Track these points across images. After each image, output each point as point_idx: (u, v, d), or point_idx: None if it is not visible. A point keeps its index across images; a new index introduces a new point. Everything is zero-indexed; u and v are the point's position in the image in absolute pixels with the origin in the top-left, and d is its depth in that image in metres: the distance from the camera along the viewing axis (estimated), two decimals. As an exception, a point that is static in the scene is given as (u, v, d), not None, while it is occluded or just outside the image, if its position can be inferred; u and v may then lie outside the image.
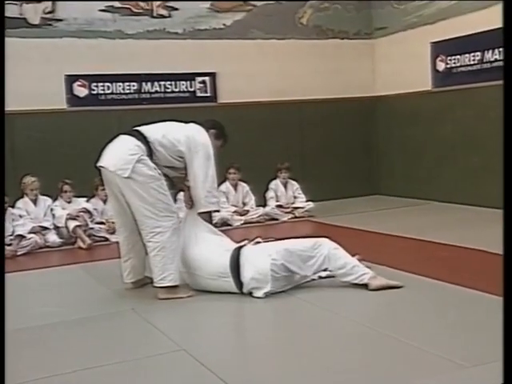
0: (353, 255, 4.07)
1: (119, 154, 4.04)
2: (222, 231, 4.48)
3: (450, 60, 7.62)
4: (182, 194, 6.64)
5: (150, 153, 4.05)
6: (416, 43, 8.07)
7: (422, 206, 7.69)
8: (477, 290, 3.78)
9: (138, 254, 4.27)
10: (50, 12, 7.22)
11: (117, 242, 4.53)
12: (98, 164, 4.14)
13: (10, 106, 6.64)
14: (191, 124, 4.32)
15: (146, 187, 3.97)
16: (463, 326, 3.26)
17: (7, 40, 6.67)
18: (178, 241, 4.08)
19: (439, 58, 7.78)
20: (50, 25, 7.23)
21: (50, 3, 7.21)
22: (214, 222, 6.79)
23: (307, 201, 7.49)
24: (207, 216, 4.23)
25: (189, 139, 4.12)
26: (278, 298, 3.91)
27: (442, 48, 7.71)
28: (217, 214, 7.04)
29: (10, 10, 7.00)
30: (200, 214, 4.17)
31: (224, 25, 8.10)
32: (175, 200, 4.57)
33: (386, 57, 8.72)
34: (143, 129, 4.18)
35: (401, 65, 8.38)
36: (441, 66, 7.77)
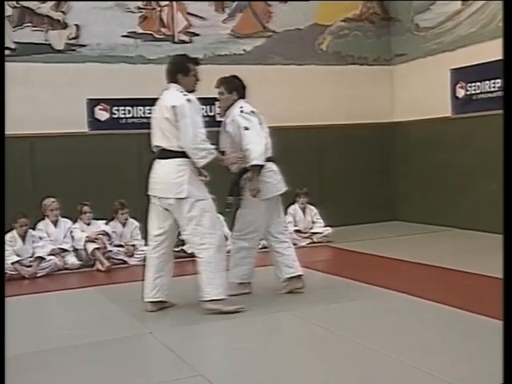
0: None
1: (170, 180, 4.18)
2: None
3: (470, 87, 7.62)
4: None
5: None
6: (435, 70, 8.08)
7: (441, 233, 7.63)
8: (498, 319, 3.72)
9: (168, 272, 4.40)
10: (74, 38, 7.37)
11: (138, 265, 4.52)
12: (151, 194, 4.30)
13: (33, 129, 6.80)
14: (163, 98, 4.41)
15: (193, 206, 4.15)
16: (481, 354, 3.22)
17: (33, 65, 6.87)
18: (222, 256, 4.24)
19: (459, 85, 7.78)
20: (73, 50, 7.37)
21: (74, 29, 7.37)
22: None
23: (325, 226, 7.47)
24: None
25: (171, 115, 4.21)
26: (300, 324, 3.88)
27: (461, 75, 7.71)
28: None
29: (36, 36, 7.17)
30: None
31: (244, 50, 8.19)
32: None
33: (405, 83, 8.74)
34: (157, 142, 4.30)
35: (420, 91, 8.39)
36: (460, 93, 7.77)
